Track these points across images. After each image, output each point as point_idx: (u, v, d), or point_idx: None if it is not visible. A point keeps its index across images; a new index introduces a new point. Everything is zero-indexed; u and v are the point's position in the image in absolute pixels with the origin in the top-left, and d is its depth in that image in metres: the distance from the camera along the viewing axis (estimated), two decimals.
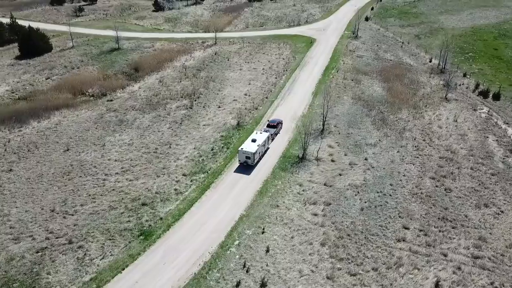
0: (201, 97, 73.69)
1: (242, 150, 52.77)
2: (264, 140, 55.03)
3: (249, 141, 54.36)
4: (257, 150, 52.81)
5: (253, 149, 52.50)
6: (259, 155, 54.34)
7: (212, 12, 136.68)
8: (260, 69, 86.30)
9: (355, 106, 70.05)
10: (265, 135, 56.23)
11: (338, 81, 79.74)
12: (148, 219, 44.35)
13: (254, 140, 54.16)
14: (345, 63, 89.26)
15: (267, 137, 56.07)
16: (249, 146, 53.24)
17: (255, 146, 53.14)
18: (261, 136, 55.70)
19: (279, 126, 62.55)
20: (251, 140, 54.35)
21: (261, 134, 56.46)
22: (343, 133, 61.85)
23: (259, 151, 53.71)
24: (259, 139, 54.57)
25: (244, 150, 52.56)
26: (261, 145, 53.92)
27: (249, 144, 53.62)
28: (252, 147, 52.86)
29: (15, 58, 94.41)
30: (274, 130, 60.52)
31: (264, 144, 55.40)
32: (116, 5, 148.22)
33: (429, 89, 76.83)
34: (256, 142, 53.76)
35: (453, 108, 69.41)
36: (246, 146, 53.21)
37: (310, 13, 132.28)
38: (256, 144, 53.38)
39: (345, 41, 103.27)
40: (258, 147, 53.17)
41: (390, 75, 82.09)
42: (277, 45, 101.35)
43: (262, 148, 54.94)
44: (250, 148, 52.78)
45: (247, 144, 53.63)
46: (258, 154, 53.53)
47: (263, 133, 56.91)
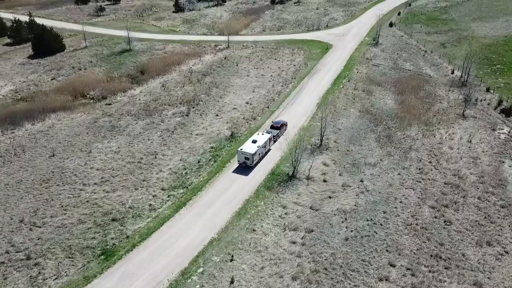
0: (200, 104, 70.94)
1: (241, 150, 52.03)
2: (265, 142, 54.20)
3: (249, 142, 53.70)
4: (257, 151, 52.20)
5: (253, 150, 51.72)
6: (259, 157, 53.60)
7: (232, 14, 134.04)
8: (268, 76, 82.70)
9: (361, 120, 65.24)
10: (266, 137, 55.36)
11: (348, 92, 74.96)
12: (114, 237, 41.84)
13: (254, 141, 53.49)
14: (359, 72, 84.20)
15: (268, 139, 55.25)
16: (249, 147, 52.49)
17: (254, 147, 52.31)
18: (262, 138, 54.89)
19: (283, 128, 61.24)
20: (251, 141, 53.67)
21: (263, 136, 55.67)
22: (342, 150, 57.36)
23: (259, 152, 53.08)
24: (259, 140, 53.79)
25: (244, 151, 51.82)
26: (261, 146, 53.23)
27: (249, 145, 52.91)
28: (251, 148, 52.08)
29: (28, 57, 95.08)
30: (277, 132, 59.48)
31: (265, 146, 54.58)
32: (138, 5, 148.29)
33: (446, 104, 70.78)
34: (256, 143, 53.07)
35: (469, 127, 63.29)
36: (245, 147, 52.55)
37: (332, 17, 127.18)
38: (256, 145, 52.58)
39: (364, 48, 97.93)
40: (258, 148, 52.47)
41: (406, 87, 76.47)
42: (291, 50, 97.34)
43: (263, 150, 54.17)
44: (249, 149, 52.01)
45: (247, 145, 52.96)
46: (257, 156, 52.89)
47: (265, 135, 56.11)
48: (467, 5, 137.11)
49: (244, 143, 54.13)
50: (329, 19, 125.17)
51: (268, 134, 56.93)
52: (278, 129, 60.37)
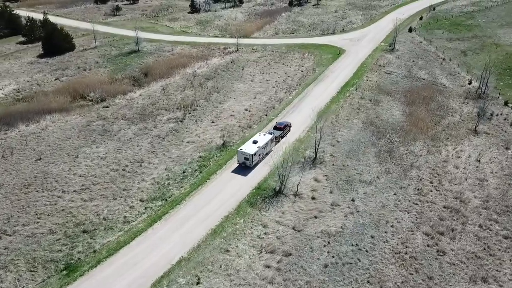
0: (198, 109, 68.77)
1: (241, 151, 51.73)
2: (265, 142, 53.79)
3: (250, 142, 53.44)
4: (257, 152, 51.86)
5: (252, 150, 51.39)
6: (259, 157, 53.11)
7: (247, 16, 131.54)
8: (272, 82, 79.74)
9: (363, 133, 61.44)
10: (268, 137, 54.91)
11: (353, 101, 71.15)
12: (81, 250, 40.05)
13: (255, 142, 53.15)
14: (369, 79, 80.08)
15: (269, 140, 54.75)
16: (249, 147, 52.13)
17: (254, 147, 52.01)
18: (263, 138, 54.47)
19: (287, 129, 60.76)
20: (252, 141, 53.35)
21: (264, 136, 55.24)
22: (338, 165, 53.85)
23: (259, 153, 52.69)
24: (260, 141, 53.46)
25: (243, 151, 51.46)
26: (261, 147, 52.82)
27: (249, 145, 52.60)
28: (251, 149, 51.74)
29: (37, 56, 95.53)
30: (280, 133, 58.92)
31: (266, 147, 54.09)
32: (155, 5, 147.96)
33: (457, 118, 65.95)
34: (257, 144, 52.76)
35: (480, 144, 58.48)
36: (245, 147, 52.24)
37: (350, 21, 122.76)
38: (256, 146, 52.29)
39: (378, 54, 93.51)
40: (258, 149, 52.14)
41: (416, 98, 71.95)
42: (301, 55, 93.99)
43: (263, 150, 53.71)
44: (249, 149, 51.67)
45: (247, 145, 52.65)
46: (257, 156, 52.46)
47: (266, 135, 55.66)
48: (496, 10, 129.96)
49: (245, 143, 53.64)
50: (346, 22, 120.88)
51: (270, 135, 56.30)
52: (281, 130, 59.55)
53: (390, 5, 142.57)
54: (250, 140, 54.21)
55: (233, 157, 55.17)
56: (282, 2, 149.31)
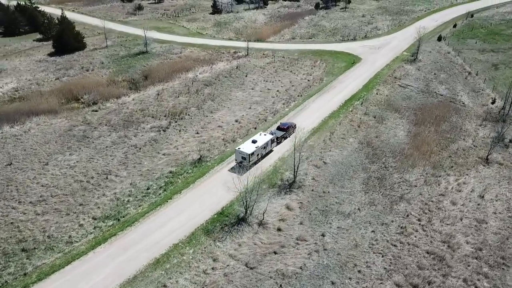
0: (186, 118, 65.19)
1: (239, 150, 51.08)
2: (265, 142, 53.11)
3: (249, 141, 52.71)
4: (255, 151, 51.18)
5: (250, 150, 50.70)
6: (257, 157, 52.29)
7: (269, 19, 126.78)
8: (274, 91, 74.83)
9: (356, 154, 55.39)
10: (268, 137, 54.09)
11: (355, 117, 64.95)
12: (12, 272, 37.35)
13: (254, 141, 52.49)
14: (379, 93, 73.32)
15: (269, 140, 53.92)
16: (247, 146, 51.43)
17: (253, 147, 51.28)
18: (263, 138, 53.68)
19: (290, 130, 59.22)
20: (251, 141, 52.68)
21: (264, 136, 54.39)
22: (318, 191, 48.37)
23: (257, 153, 51.94)
24: (259, 141, 52.76)
25: (241, 151, 50.81)
26: (260, 147, 52.15)
27: (248, 144, 51.92)
28: (249, 148, 51.03)
29: (48, 54, 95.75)
30: (282, 133, 57.66)
31: (265, 147, 53.34)
32: (179, 5, 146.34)
33: (470, 142, 58.24)
34: (256, 144, 52.01)
35: (488, 176, 50.86)
36: (243, 147, 51.59)
37: (375, 26, 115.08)
38: (255, 146, 51.59)
39: (396, 65, 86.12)
40: (257, 148, 51.44)
41: (427, 116, 64.68)
42: (312, 62, 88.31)
43: (262, 151, 52.93)
44: (247, 149, 50.93)
45: (246, 145, 51.97)
46: (255, 156, 51.69)
47: (267, 135, 54.82)
48: None
49: (244, 142, 53.12)
50: (371, 28, 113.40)
51: (271, 135, 55.42)
52: (284, 130, 58.12)
53: (424, 10, 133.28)
54: (250, 139, 53.28)
55: (205, 174, 51.06)
56: (309, 5, 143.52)
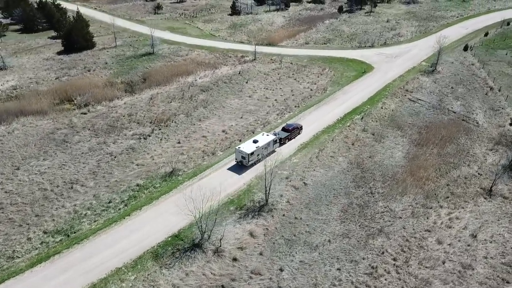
0: (171, 125, 62.33)
1: (238, 149, 50.97)
2: (267, 143, 52.63)
3: (250, 141, 52.60)
4: (255, 151, 50.94)
5: (249, 150, 50.53)
6: (257, 157, 51.79)
7: (288, 21, 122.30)
8: (272, 100, 70.73)
9: (342, 176, 50.46)
10: (270, 138, 53.52)
11: (351, 133, 59.81)
12: None
13: (255, 141, 52.30)
14: (385, 107, 67.59)
15: (271, 140, 53.42)
16: (247, 146, 51.24)
17: (253, 147, 51.09)
18: (264, 138, 53.27)
19: (296, 131, 58.45)
20: (252, 140, 52.50)
21: (267, 136, 53.91)
22: (290, 216, 44.04)
23: (258, 153, 51.56)
24: (261, 141, 52.48)
25: (240, 150, 50.74)
26: (261, 147, 51.76)
27: (249, 144, 51.81)
28: (249, 148, 50.86)
29: (57, 52, 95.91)
30: (286, 134, 56.83)
31: (267, 147, 52.72)
32: (200, 5, 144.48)
33: (475, 169, 51.83)
34: (257, 144, 51.80)
35: (488, 212, 44.60)
36: (243, 146, 51.52)
37: (398, 32, 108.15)
38: (255, 146, 51.35)
39: (411, 76, 79.70)
40: (257, 149, 51.19)
41: (432, 136, 58.58)
42: (320, 70, 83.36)
43: (263, 151, 52.25)
44: (247, 148, 50.77)
45: (246, 144, 51.89)
46: (255, 156, 51.33)
47: (269, 136, 54.26)
48: None
49: (245, 142, 52.89)
50: (393, 34, 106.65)
51: (274, 136, 54.74)
52: (288, 132, 57.27)
53: (456, 16, 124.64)
54: (251, 139, 53.14)
55: (172, 189, 47.84)
56: (333, 8, 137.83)
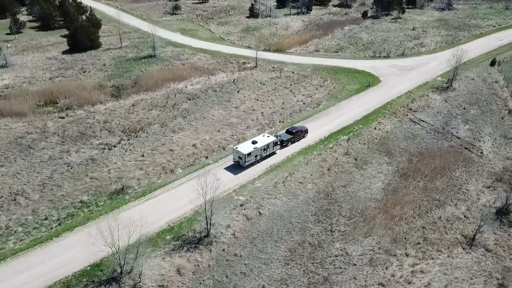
0: (142, 136, 59.01)
1: (236, 149, 50.57)
2: (266, 144, 51.94)
3: (249, 141, 52.09)
4: (252, 152, 50.38)
5: (246, 150, 49.98)
6: (255, 158, 51.21)
7: (305, 26, 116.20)
8: (258, 113, 65.85)
9: (305, 207, 44.87)
10: (270, 139, 52.77)
11: (330, 156, 53.81)
12: None
13: (254, 142, 51.70)
14: (379, 128, 60.83)
15: (271, 142, 52.59)
16: (245, 147, 50.79)
17: (251, 148, 50.51)
18: (263, 140, 52.54)
19: (300, 134, 57.20)
20: (251, 141, 51.99)
21: (267, 138, 53.19)
22: (229, 252, 39.22)
23: (255, 154, 50.98)
24: (260, 142, 51.85)
25: (238, 150, 50.24)
26: (259, 148, 51.18)
27: (247, 144, 51.34)
28: (246, 149, 50.26)
29: (62, 51, 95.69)
30: (289, 137, 55.84)
31: (265, 149, 52.12)
32: (221, 7, 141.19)
33: (462, 210, 44.47)
34: (256, 145, 51.21)
35: (462, 267, 37.47)
36: (241, 146, 51.03)
37: (421, 42, 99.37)
38: (253, 147, 50.77)
39: (420, 93, 71.97)
40: (255, 150, 50.65)
41: (423, 166, 51.52)
42: (321, 82, 77.32)
43: (262, 152, 51.82)
44: (244, 149, 50.24)
45: (245, 145, 51.44)
46: (252, 157, 50.70)
47: (270, 137, 53.46)
48: None
49: (244, 142, 52.55)
50: (415, 44, 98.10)
51: (275, 137, 53.75)
52: (292, 134, 56.25)
53: (493, 26, 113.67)
54: (251, 139, 52.67)
55: (113, 210, 44.30)
56: (359, 13, 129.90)
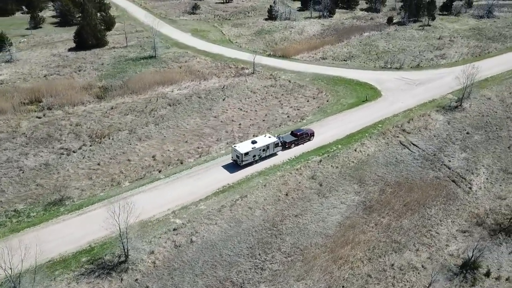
0: (105, 143, 56.60)
1: (234, 147, 50.56)
2: (265, 145, 51.29)
3: (248, 141, 51.88)
4: (250, 152, 49.87)
5: (244, 150, 49.69)
6: (253, 159, 50.59)
7: (322, 31, 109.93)
8: (236, 124, 61.73)
9: (243, 237, 40.40)
10: (271, 140, 52.15)
11: (292, 180, 48.76)
12: None
13: (254, 142, 51.33)
14: (360, 150, 54.83)
15: (272, 143, 51.86)
16: (243, 146, 50.56)
17: (249, 147, 50.13)
18: (264, 140, 51.96)
19: (305, 137, 55.84)
20: (251, 141, 51.67)
21: (268, 138, 52.55)
22: (141, 284, 35.65)
23: (253, 154, 50.37)
24: (259, 142, 51.32)
25: (236, 149, 50.04)
26: (258, 148, 50.59)
27: (246, 144, 51.05)
28: (244, 148, 49.98)
29: (69, 49, 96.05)
30: (293, 139, 54.72)
31: (265, 149, 51.46)
32: (243, 7, 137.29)
33: (423, 258, 37.98)
34: (254, 145, 50.73)
35: None
36: (239, 145, 50.81)
37: (443, 53, 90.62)
38: (252, 147, 50.33)
39: (421, 111, 64.86)
40: (253, 149, 50.14)
41: (396, 199, 45.41)
42: (315, 93, 71.80)
43: (261, 152, 51.18)
44: (242, 148, 50.00)
45: (243, 144, 51.23)
46: (250, 157, 50.14)
47: (271, 138, 52.81)
48: None
49: (243, 142, 52.37)
50: (436, 55, 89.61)
51: (277, 139, 53.25)
52: (296, 136, 55.03)
53: None
54: (251, 139, 52.30)
55: (42, 222, 42.03)
56: (386, 17, 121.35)
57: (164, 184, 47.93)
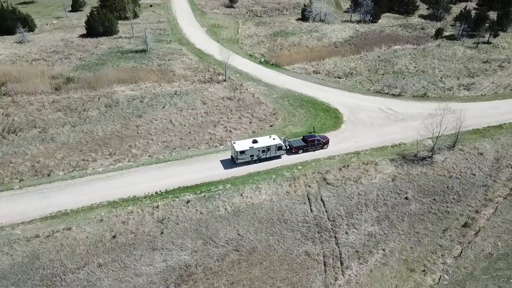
0: (8, 139, 55.37)
1: (233, 144, 50.07)
2: (266, 146, 50.11)
3: (249, 140, 50.93)
4: (247, 151, 49.44)
5: (241, 148, 49.34)
6: (250, 158, 49.98)
7: (348, 38, 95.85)
8: (146, 140, 55.69)
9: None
10: (274, 142, 50.62)
11: (135, 219, 41.63)
12: None
13: (254, 141, 50.49)
14: (249, 195, 45.31)
15: (275, 145, 50.38)
16: (242, 144, 50.01)
17: (247, 146, 49.67)
18: (266, 141, 50.79)
19: (317, 145, 52.58)
20: (252, 140, 50.76)
21: (272, 140, 50.99)
22: None
23: (251, 153, 49.77)
24: (260, 143, 50.39)
25: (233, 146, 49.75)
26: (257, 148, 49.80)
27: (245, 142, 50.45)
28: (241, 146, 49.60)
29: (79, 35, 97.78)
30: (300, 144, 52.13)
31: (265, 151, 50.29)
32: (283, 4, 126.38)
33: None
34: (254, 144, 50.04)
35: None
36: (239, 143, 50.28)
37: (472, 83, 72.34)
38: (250, 146, 49.75)
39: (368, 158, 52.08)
40: (251, 149, 49.56)
41: (232, 276, 35.74)
42: (267, 114, 62.50)
43: (260, 153, 50.25)
44: (239, 146, 49.58)
45: (243, 142, 50.65)
46: (247, 156, 49.67)
47: (275, 140, 51.11)
48: None
49: (243, 140, 51.46)
50: (460, 84, 72.86)
51: (282, 142, 51.25)
52: (306, 142, 52.16)
53: None
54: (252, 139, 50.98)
55: None
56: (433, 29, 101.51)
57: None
